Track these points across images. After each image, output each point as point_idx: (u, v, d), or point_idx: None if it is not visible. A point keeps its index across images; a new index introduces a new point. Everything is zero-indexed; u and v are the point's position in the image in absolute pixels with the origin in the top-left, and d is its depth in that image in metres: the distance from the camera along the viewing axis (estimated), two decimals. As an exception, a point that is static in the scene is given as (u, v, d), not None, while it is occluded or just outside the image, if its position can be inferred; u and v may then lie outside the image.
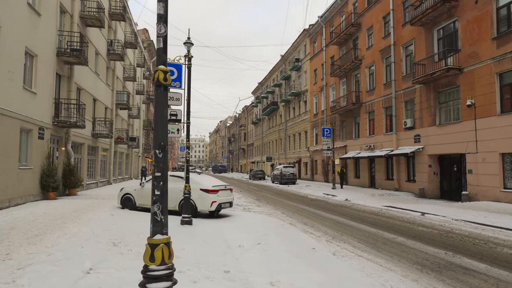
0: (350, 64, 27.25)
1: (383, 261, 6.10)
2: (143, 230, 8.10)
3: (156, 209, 2.43)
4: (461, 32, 16.75)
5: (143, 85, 39.07)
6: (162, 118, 2.41)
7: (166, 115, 2.45)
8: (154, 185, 2.44)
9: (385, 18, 23.76)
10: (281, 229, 8.96)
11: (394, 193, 20.08)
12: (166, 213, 2.49)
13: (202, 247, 6.62)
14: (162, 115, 2.41)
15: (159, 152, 2.42)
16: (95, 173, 22.67)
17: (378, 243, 7.58)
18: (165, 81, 2.42)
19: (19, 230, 7.82)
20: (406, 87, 20.95)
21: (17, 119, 12.05)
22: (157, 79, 2.39)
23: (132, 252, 6.09)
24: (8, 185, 11.53)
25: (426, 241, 7.78)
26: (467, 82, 16.30)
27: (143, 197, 11.74)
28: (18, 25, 11.98)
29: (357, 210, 13.74)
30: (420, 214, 12.16)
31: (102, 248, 6.31)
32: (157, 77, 2.38)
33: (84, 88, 19.00)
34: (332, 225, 9.96)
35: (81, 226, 8.47)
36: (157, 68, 2.38)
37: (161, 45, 2.45)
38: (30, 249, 6.13)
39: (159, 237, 2.44)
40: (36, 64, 13.55)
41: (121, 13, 24.41)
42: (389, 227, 9.61)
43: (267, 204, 15.49)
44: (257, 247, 6.78)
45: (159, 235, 2.45)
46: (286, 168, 32.15)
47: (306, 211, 13.19)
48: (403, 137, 21.22)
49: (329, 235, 8.39)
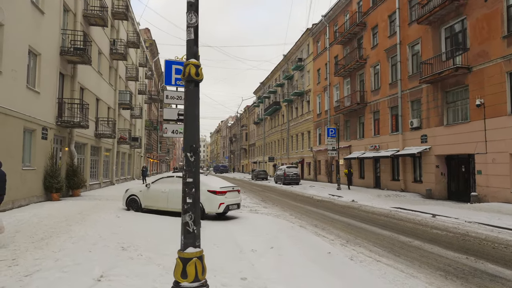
0: (354, 64, 27.00)
1: (404, 266, 5.87)
2: (152, 233, 7.88)
3: (188, 219, 2.19)
4: (470, 31, 16.49)
5: (145, 85, 38.86)
6: (193, 117, 2.18)
7: (197, 114, 2.22)
8: (185, 192, 2.21)
9: (391, 17, 23.51)
10: (292, 231, 8.73)
11: (400, 194, 19.82)
12: (199, 223, 2.26)
13: (214, 251, 6.39)
14: (193, 114, 2.18)
15: (190, 155, 2.19)
16: (98, 173, 22.45)
17: (394, 247, 7.34)
18: (197, 76, 2.18)
19: (24, 233, 7.59)
20: (413, 86, 20.70)
21: (20, 119, 11.83)
22: (188, 73, 2.15)
23: (143, 257, 5.86)
24: (11, 186, 11.28)
25: (443, 244, 7.54)
26: (476, 81, 16.04)
27: (149, 198, 11.52)
28: (21, 23, 11.76)
29: (366, 211, 13.50)
30: (431, 216, 11.92)
31: (111, 252, 6.08)
32: (188, 71, 2.14)
33: (87, 88, 18.78)
34: (344, 227, 9.73)
35: (87, 228, 8.24)
36: (188, 61, 2.14)
37: (192, 36, 2.21)
38: (36, 254, 5.91)
39: (192, 250, 2.21)
40: (39, 63, 13.33)
41: (124, 12, 24.21)
42: (402, 230, 9.37)
43: (273, 205, 15.26)
44: (271, 252, 6.55)
45: (191, 248, 2.22)
46: (289, 169, 31.91)
47: (314, 213, 12.96)
48: (410, 137, 20.97)
49: (343, 239, 8.16)
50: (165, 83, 8.90)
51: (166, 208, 11.14)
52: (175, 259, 2.26)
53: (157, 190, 11.33)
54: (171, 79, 8.89)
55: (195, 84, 2.24)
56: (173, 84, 8.94)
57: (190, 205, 2.18)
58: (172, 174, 11.96)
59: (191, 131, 2.20)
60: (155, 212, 11.26)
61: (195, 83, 2.23)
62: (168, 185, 11.23)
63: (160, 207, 11.27)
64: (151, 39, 46.12)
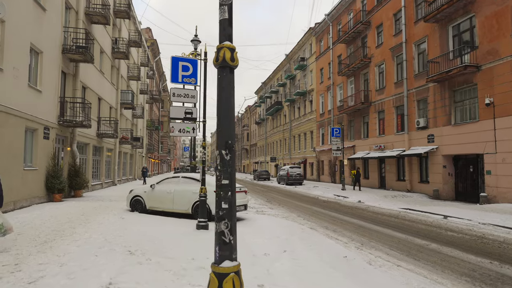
0: (358, 63, 26.70)
1: (426, 271, 5.58)
2: (158, 235, 7.60)
3: (224, 227, 1.91)
4: (479, 29, 16.20)
5: (147, 85, 38.58)
6: (229, 109, 1.89)
7: (232, 105, 1.93)
8: (220, 196, 1.92)
9: (396, 15, 23.23)
10: (303, 234, 8.44)
11: (407, 195, 19.52)
12: (235, 232, 1.96)
13: (226, 255, 6.10)
14: (229, 106, 1.89)
15: (226, 152, 1.90)
16: (100, 174, 22.17)
17: (412, 250, 7.05)
18: (232, 62, 1.89)
19: (26, 236, 7.31)
20: (419, 85, 20.41)
21: (22, 118, 11.55)
22: (222, 58, 1.86)
23: (152, 262, 5.58)
24: (12, 187, 11.03)
25: (462, 248, 7.25)
26: (485, 80, 15.75)
27: (154, 199, 11.24)
28: (23, 20, 11.49)
29: (375, 212, 13.21)
30: (442, 217, 11.63)
31: (118, 257, 5.80)
32: (223, 56, 1.85)
33: (89, 87, 18.50)
34: (355, 229, 9.44)
35: (91, 231, 7.96)
36: (221, 45, 1.85)
37: (225, 15, 1.91)
38: (40, 258, 5.63)
39: (229, 264, 1.92)
40: (41, 61, 13.05)
41: (126, 10, 23.95)
42: (416, 232, 9.08)
43: (279, 206, 14.97)
44: (285, 256, 6.27)
45: (227, 261, 1.92)
46: (292, 169, 31.61)
47: (322, 214, 12.67)
48: (416, 137, 20.67)
49: (357, 241, 7.87)
50: (172, 81, 8.63)
51: (171, 209, 10.86)
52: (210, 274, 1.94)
53: (162, 191, 11.04)
54: (177, 77, 8.61)
55: (230, 70, 1.95)
56: (180, 82, 8.67)
57: (226, 211, 1.89)
58: (177, 174, 11.66)
59: (226, 125, 1.91)
60: (160, 214, 10.98)
61: (230, 69, 1.94)
62: (174, 185, 10.96)
63: (165, 208, 10.99)
64: (153, 39, 45.86)
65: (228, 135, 1.90)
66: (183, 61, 8.64)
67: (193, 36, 10.00)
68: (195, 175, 11.46)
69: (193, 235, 7.76)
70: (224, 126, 1.87)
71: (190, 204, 10.46)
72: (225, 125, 1.88)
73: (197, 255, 5.98)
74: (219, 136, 1.89)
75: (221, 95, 1.85)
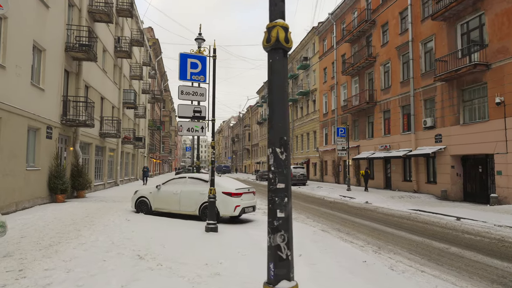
0: (363, 62, 26.41)
1: (453, 278, 5.29)
2: (166, 238, 7.32)
3: (280, 241, 1.62)
4: (489, 26, 15.91)
5: (149, 84, 38.31)
6: (283, 99, 1.60)
7: (287, 94, 1.64)
8: (275, 202, 1.63)
9: (402, 14, 22.94)
10: (316, 237, 8.16)
11: (414, 195, 19.22)
12: (292, 246, 1.67)
13: (241, 260, 5.82)
14: (283, 95, 1.59)
15: (281, 150, 1.61)
16: (103, 174, 21.89)
17: (432, 254, 6.76)
18: (286, 43, 1.60)
19: (30, 239, 7.03)
20: (426, 84, 20.11)
21: (24, 117, 11.28)
22: (275, 39, 1.56)
23: (163, 267, 5.29)
24: (15, 187, 10.76)
25: (484, 252, 6.96)
26: (495, 78, 15.46)
27: (159, 200, 10.95)
28: (26, 17, 11.21)
29: (385, 214, 12.92)
30: (455, 219, 11.33)
31: (127, 262, 5.52)
32: (276, 36, 1.55)
33: (92, 86, 18.22)
34: (369, 232, 9.15)
35: (97, 233, 7.68)
36: (274, 23, 1.56)
37: (277, -12, 1.62)
38: (45, 263, 5.34)
39: (286, 285, 1.63)
40: (44, 59, 12.78)
41: (128, 9, 23.66)
42: (432, 235, 8.79)
43: (286, 207, 14.67)
44: (301, 260, 5.98)
45: (285, 281, 1.63)
46: (296, 169, 31.30)
47: (331, 215, 12.38)
48: (423, 136, 20.38)
49: (373, 245, 7.58)
50: (180, 78, 8.35)
51: (178, 211, 10.57)
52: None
53: (168, 192, 10.75)
54: (186, 74, 8.34)
55: (284, 53, 1.66)
56: (189, 79, 8.39)
57: (283, 221, 1.59)
58: (184, 174, 11.37)
59: (280, 118, 1.62)
60: (166, 215, 10.70)
61: (284, 51, 1.65)
62: (180, 186, 10.67)
63: (172, 210, 10.70)
64: (155, 38, 45.59)
65: (282, 130, 1.61)
66: (191, 58, 8.37)
67: (193, 36, 9.72)
68: (202, 175, 11.19)
69: (203, 238, 7.48)
70: (278, 120, 1.58)
71: (197, 206, 10.17)
72: (279, 118, 1.59)
73: (210, 260, 5.70)
74: (272, 132, 1.60)
75: (273, 83, 1.56)
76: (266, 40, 1.63)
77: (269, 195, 1.66)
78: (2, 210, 9.99)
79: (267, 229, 1.69)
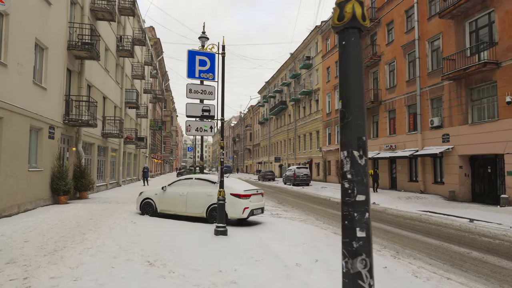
0: (368, 61, 26.11)
1: (482, 286, 5.00)
2: (175, 242, 7.04)
3: (361, 267, 1.30)
4: (499, 24, 15.61)
5: (150, 84, 38.01)
6: (359, 89, 1.31)
7: (363, 84, 1.35)
8: (353, 219, 1.33)
9: (408, 12, 22.65)
10: (329, 240, 7.87)
11: (421, 196, 18.93)
12: (373, 272, 1.38)
13: (255, 266, 5.54)
14: (359, 84, 1.30)
15: (359, 154, 1.32)
16: (105, 174, 21.61)
17: (454, 259, 6.47)
18: (363, 21, 1.32)
19: (34, 243, 6.75)
20: (433, 83, 19.82)
21: (27, 117, 10.99)
22: (351, 15, 1.26)
23: (175, 274, 5.01)
24: (17, 189, 10.48)
25: (507, 256, 6.67)
26: (505, 77, 15.16)
27: (165, 202, 10.67)
28: (28, 14, 10.93)
29: (395, 215, 12.63)
30: (468, 221, 11.05)
31: (137, 269, 5.23)
32: (351, 12, 1.25)
33: (94, 85, 17.94)
34: (383, 235, 8.86)
35: (103, 237, 7.40)
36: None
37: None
38: (51, 271, 5.06)
39: None
40: (46, 57, 12.50)
41: (130, 7, 23.38)
42: (448, 238, 8.51)
43: (293, 209, 14.39)
44: (318, 266, 5.70)
45: None
46: (299, 169, 31.02)
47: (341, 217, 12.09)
48: (429, 136, 20.08)
49: (389, 249, 7.30)
50: (188, 76, 8.07)
51: (184, 213, 10.29)
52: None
53: (175, 193, 10.47)
54: (194, 72, 8.05)
55: (360, 33, 1.37)
56: (197, 77, 8.11)
57: (364, 242, 1.29)
58: (190, 175, 11.09)
59: (357, 115, 1.34)
60: (172, 217, 10.41)
61: (358, 30, 1.36)
62: (187, 187, 10.38)
63: (178, 212, 10.42)
64: (156, 38, 45.30)
65: (360, 128, 1.33)
66: (200, 55, 8.09)
67: (193, 36, 9.44)
68: (210, 176, 10.90)
69: (213, 242, 7.19)
70: (355, 116, 1.30)
71: (205, 208, 9.89)
72: (356, 114, 1.30)
73: (224, 266, 5.42)
74: (347, 131, 1.31)
75: (347, 68, 1.29)
76: (337, 18, 1.34)
77: (344, 209, 1.37)
78: (4, 213, 9.72)
79: (342, 251, 1.39)
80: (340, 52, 1.35)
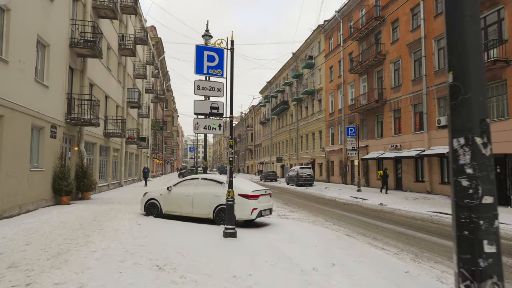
0: (372, 60, 25.81)
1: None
2: (184, 244, 6.75)
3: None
4: (508, 22, 15.33)
5: (152, 84, 37.73)
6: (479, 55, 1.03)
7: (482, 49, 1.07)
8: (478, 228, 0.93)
9: (413, 10, 22.36)
10: (342, 242, 7.57)
11: (428, 197, 18.62)
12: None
13: (270, 271, 5.24)
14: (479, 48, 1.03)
15: (483, 142, 1.02)
16: (107, 175, 21.32)
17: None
18: None
19: (36, 246, 6.46)
20: (440, 82, 19.51)
21: (28, 115, 10.71)
22: None
23: (187, 280, 4.72)
24: (18, 189, 10.19)
25: (531, 260, 6.37)
26: (516, 75, 14.87)
27: (171, 203, 10.37)
28: (29, 10, 10.64)
29: (405, 216, 12.33)
30: (481, 222, 10.73)
31: (146, 273, 4.94)
32: None
33: (96, 84, 17.65)
34: (397, 236, 8.57)
35: (108, 239, 7.10)
36: None
37: None
38: (55, 276, 4.77)
39: None
40: (48, 54, 12.22)
41: (132, 5, 23.09)
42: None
43: (300, 210, 14.09)
44: (336, 271, 5.40)
45: None
46: (303, 169, 30.69)
47: (350, 218, 11.80)
48: (436, 136, 19.77)
49: (407, 251, 7.00)
50: (196, 72, 7.77)
51: (190, 214, 10.00)
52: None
53: (180, 194, 10.17)
54: (202, 68, 7.76)
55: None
56: (205, 73, 7.82)
57: (494, 260, 0.91)
58: (196, 175, 10.80)
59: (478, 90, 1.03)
60: (177, 218, 10.12)
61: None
62: (193, 188, 10.09)
63: (184, 213, 10.12)
64: (157, 37, 45.03)
65: (482, 108, 1.03)
66: (208, 50, 7.81)
67: (194, 36, 9.15)
68: (216, 176, 10.62)
69: (223, 245, 6.90)
70: (474, 90, 1.00)
71: (211, 208, 9.60)
72: (476, 87, 1.01)
73: (237, 271, 5.13)
74: (464, 109, 1.01)
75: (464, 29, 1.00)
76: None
77: (461, 214, 1.03)
78: (5, 214, 9.43)
79: (459, 271, 1.06)
80: (447, 11, 1.06)
